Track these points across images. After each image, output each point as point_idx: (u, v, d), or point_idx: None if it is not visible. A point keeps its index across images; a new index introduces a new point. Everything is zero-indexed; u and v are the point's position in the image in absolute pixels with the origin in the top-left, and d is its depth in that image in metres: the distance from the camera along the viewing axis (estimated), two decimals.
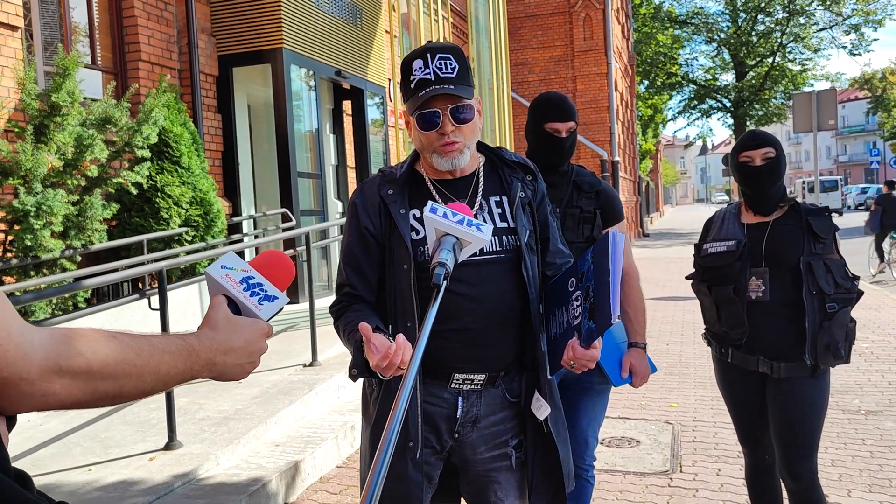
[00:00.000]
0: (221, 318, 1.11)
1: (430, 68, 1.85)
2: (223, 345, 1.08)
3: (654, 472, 4.13)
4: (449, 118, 1.87)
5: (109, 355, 0.91)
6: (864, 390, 5.51)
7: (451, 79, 1.85)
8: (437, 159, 1.91)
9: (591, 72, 20.42)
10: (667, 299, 10.63)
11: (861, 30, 33.12)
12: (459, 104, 1.87)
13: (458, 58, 1.88)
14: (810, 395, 2.65)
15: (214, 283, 1.16)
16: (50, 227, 5.21)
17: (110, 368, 0.91)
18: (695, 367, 6.46)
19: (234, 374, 1.11)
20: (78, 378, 0.87)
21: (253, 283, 1.17)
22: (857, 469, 4.02)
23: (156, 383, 0.98)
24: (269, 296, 1.17)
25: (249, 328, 1.12)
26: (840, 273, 2.63)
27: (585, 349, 1.75)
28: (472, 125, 1.92)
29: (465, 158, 1.92)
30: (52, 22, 6.67)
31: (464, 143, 1.90)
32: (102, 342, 0.91)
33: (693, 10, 35.39)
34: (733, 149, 2.83)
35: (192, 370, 1.03)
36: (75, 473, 3.71)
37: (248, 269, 1.19)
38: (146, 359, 0.96)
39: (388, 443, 1.23)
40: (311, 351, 5.64)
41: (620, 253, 1.75)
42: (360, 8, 10.19)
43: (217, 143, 8.18)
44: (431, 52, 1.87)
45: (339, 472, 4.28)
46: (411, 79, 1.88)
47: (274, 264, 1.22)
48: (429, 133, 1.89)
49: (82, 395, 0.89)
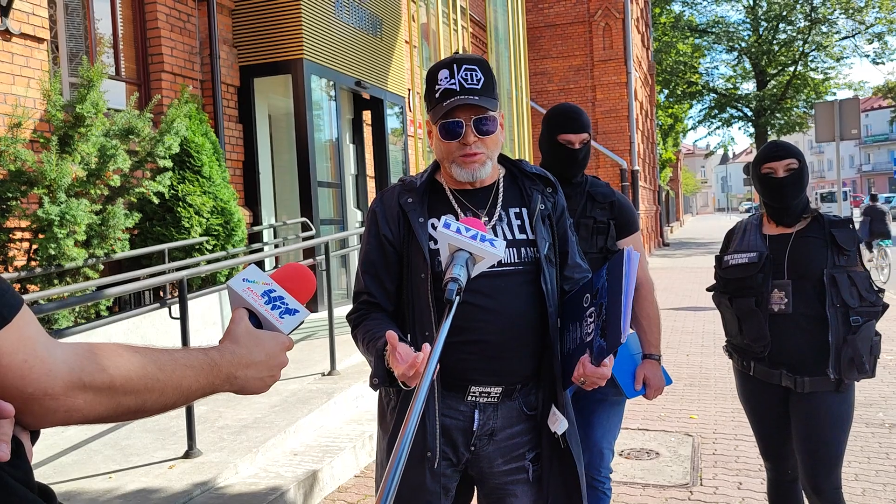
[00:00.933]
0: (243, 332, 1.11)
1: (456, 79, 1.86)
2: (245, 358, 1.08)
3: (674, 484, 4.09)
4: (472, 129, 1.87)
5: (132, 370, 0.91)
6: (889, 403, 5.42)
7: (476, 90, 1.86)
8: (458, 170, 1.92)
9: (610, 81, 20.37)
10: (687, 309, 10.55)
11: (884, 38, 32.78)
12: (483, 115, 1.87)
13: (484, 70, 1.89)
14: (835, 410, 2.61)
15: (236, 296, 1.17)
16: (73, 236, 5.28)
17: (133, 383, 0.91)
18: (715, 379, 6.39)
19: (255, 387, 1.11)
20: (101, 393, 0.88)
21: (274, 296, 1.18)
22: (881, 484, 3.96)
23: (178, 398, 0.98)
24: (291, 309, 1.17)
25: (270, 342, 1.13)
26: (864, 286, 2.59)
27: (596, 367, 1.75)
28: (495, 137, 1.92)
29: (486, 170, 1.92)
30: (78, 34, 6.78)
31: (486, 154, 1.90)
32: (125, 357, 0.92)
33: (714, 19, 35.24)
34: (755, 160, 2.81)
35: (213, 384, 1.04)
36: (96, 481, 3.74)
37: (270, 283, 1.19)
38: (169, 373, 0.96)
39: (401, 449, 1.23)
40: (330, 360, 5.66)
41: (634, 271, 1.76)
42: (380, 18, 10.25)
43: (238, 153, 8.26)
44: (458, 62, 1.88)
45: (356, 482, 4.28)
46: (436, 88, 1.89)
47: (295, 278, 1.22)
48: (450, 143, 1.89)
49: (105, 411, 0.89)
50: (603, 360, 1.74)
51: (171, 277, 4.48)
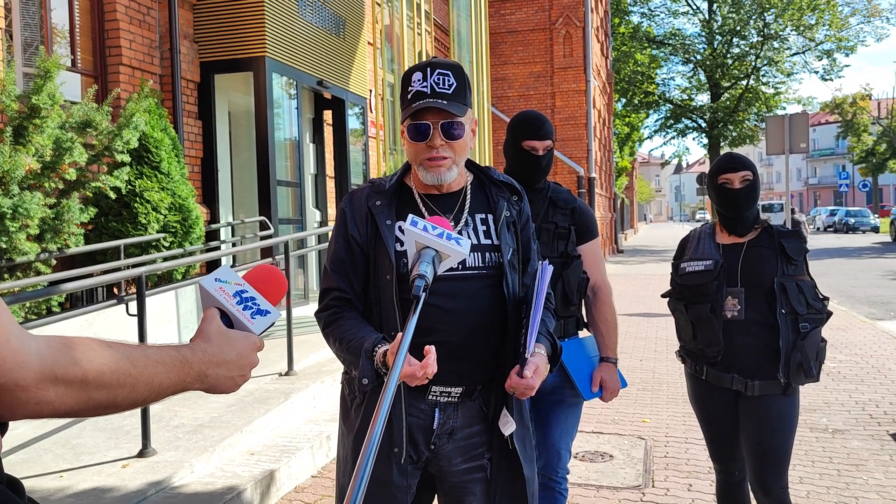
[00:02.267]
0: (214, 331, 1.13)
1: (429, 82, 1.89)
2: (216, 357, 1.10)
3: (627, 486, 4.18)
4: (439, 132, 1.90)
5: (105, 364, 0.91)
6: (832, 409, 5.62)
7: (447, 94, 1.89)
8: (424, 173, 1.95)
9: (570, 88, 20.62)
10: (640, 315, 10.74)
11: (833, 55, 33.88)
12: (451, 120, 1.90)
13: (457, 76, 1.92)
14: (783, 412, 2.72)
15: (208, 296, 1.18)
16: (26, 229, 5.16)
17: (105, 378, 0.91)
18: (667, 384, 6.54)
19: (226, 386, 1.13)
20: (73, 387, 0.88)
21: (246, 296, 1.19)
22: (824, 487, 4.10)
23: (149, 394, 0.99)
24: (262, 310, 1.19)
25: (242, 341, 1.14)
26: (811, 294, 2.71)
27: (519, 378, 1.83)
28: (463, 143, 1.95)
29: (451, 175, 1.95)
30: (33, 23, 6.62)
31: (452, 159, 1.94)
32: (99, 351, 0.92)
33: (671, 31, 35.95)
34: (711, 171, 2.90)
35: (184, 382, 1.05)
36: (47, 480, 3.67)
37: (242, 283, 1.21)
38: (141, 369, 0.97)
39: (371, 446, 1.26)
40: (288, 360, 5.63)
41: (544, 286, 1.84)
42: (344, 19, 10.23)
43: (197, 150, 8.15)
44: (432, 66, 1.92)
45: (314, 482, 4.27)
46: (409, 89, 1.92)
47: (267, 279, 1.24)
48: (418, 144, 1.93)
49: (76, 404, 0.90)
50: (524, 372, 1.83)
51: (128, 274, 4.41)
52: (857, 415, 5.46)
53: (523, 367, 1.83)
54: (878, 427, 5.15)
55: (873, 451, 4.65)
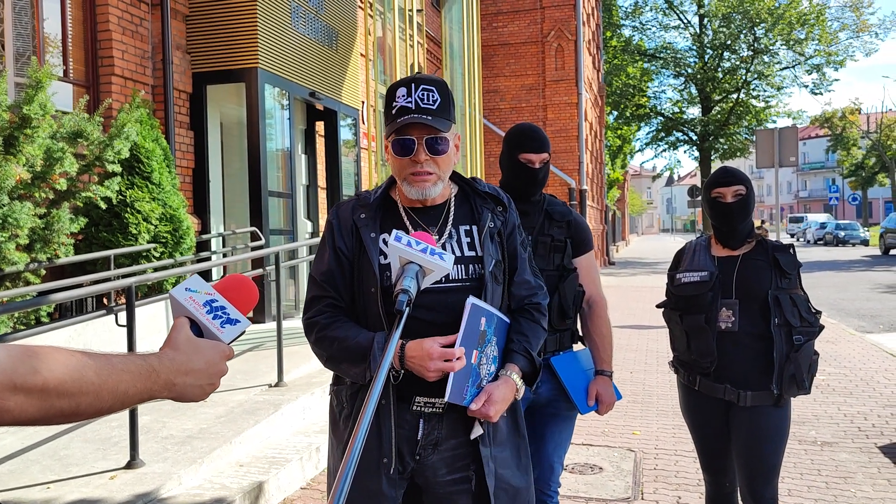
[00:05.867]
0: (183, 340, 1.14)
1: (413, 97, 1.91)
2: (184, 366, 1.10)
3: (616, 498, 4.18)
4: (423, 148, 1.92)
5: (67, 374, 0.92)
6: (821, 422, 5.64)
7: (431, 110, 1.91)
8: (408, 188, 1.97)
9: (561, 101, 20.71)
10: (632, 327, 10.76)
11: (822, 70, 34.22)
12: (436, 136, 1.92)
13: (441, 91, 1.94)
14: (774, 423, 2.75)
15: (178, 305, 1.19)
16: (15, 239, 5.14)
17: (67, 386, 0.92)
18: (658, 396, 6.55)
19: (194, 394, 1.13)
20: (33, 395, 0.89)
21: (216, 305, 1.20)
22: (812, 499, 4.11)
23: (114, 402, 0.99)
24: (232, 319, 1.20)
25: (210, 350, 1.15)
26: (804, 307, 2.74)
27: (474, 409, 1.91)
28: (447, 157, 1.97)
29: (436, 190, 1.97)
30: (25, 33, 6.63)
31: (437, 174, 1.95)
32: (61, 361, 0.92)
33: (662, 44, 36.25)
34: (705, 184, 2.93)
35: (151, 390, 1.05)
36: (34, 491, 3.64)
37: (212, 293, 1.22)
38: (105, 378, 0.97)
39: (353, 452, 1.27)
40: (277, 371, 5.62)
41: (466, 322, 1.88)
42: (336, 31, 10.27)
43: (188, 160, 8.15)
44: (416, 82, 1.93)
45: (303, 494, 4.26)
46: (393, 105, 1.94)
47: (238, 288, 1.25)
48: (402, 159, 1.94)
49: (37, 412, 0.90)
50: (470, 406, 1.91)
51: (118, 284, 4.40)
52: (845, 427, 5.48)
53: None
54: (866, 440, 5.17)
55: (861, 464, 4.66)
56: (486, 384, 1.94)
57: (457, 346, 1.84)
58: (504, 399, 1.93)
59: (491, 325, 1.95)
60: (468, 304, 1.88)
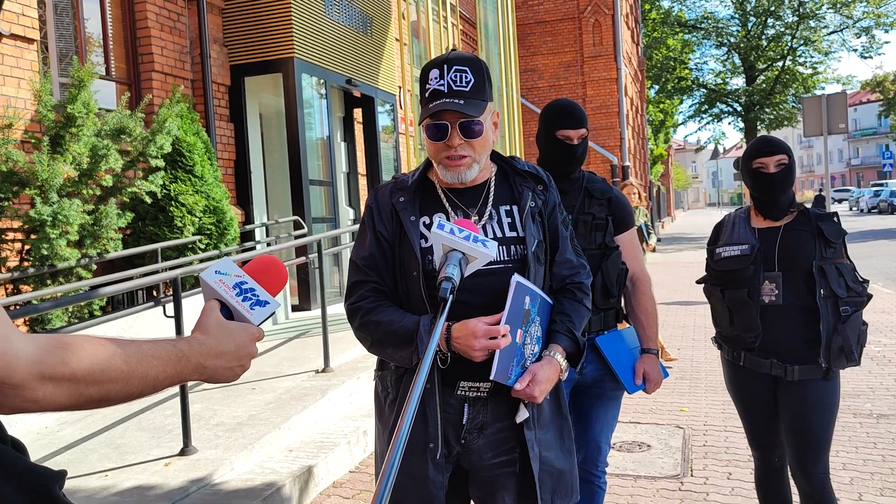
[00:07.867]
0: (213, 323, 1.15)
1: (445, 80, 1.86)
2: (214, 349, 1.12)
3: (665, 476, 4.14)
4: (457, 131, 1.87)
5: (96, 363, 0.95)
6: (876, 394, 5.49)
7: (464, 92, 1.86)
8: (443, 171, 1.94)
9: (600, 77, 20.44)
10: (678, 304, 10.62)
11: (872, 32, 33.00)
12: (470, 119, 1.87)
13: (475, 71, 1.88)
14: (823, 397, 2.68)
15: (208, 288, 1.20)
16: (66, 236, 5.29)
17: (96, 375, 0.95)
18: (706, 372, 6.46)
19: (224, 376, 1.15)
20: (62, 384, 0.92)
21: (246, 287, 1.21)
22: (868, 473, 4.02)
23: (144, 387, 1.02)
24: (261, 301, 1.21)
25: (240, 332, 1.16)
26: (850, 277, 2.66)
27: (518, 389, 1.89)
28: (483, 139, 1.92)
29: (472, 172, 1.93)
30: (67, 34, 6.77)
31: (472, 157, 1.91)
32: (90, 350, 0.95)
33: (703, 14, 35.38)
34: (746, 155, 2.85)
35: (181, 374, 1.08)
36: (92, 479, 3.76)
37: (242, 275, 1.22)
38: (134, 365, 1.00)
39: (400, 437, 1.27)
40: (324, 357, 5.69)
41: (511, 300, 1.84)
42: (370, 17, 10.26)
43: (229, 152, 8.27)
44: (449, 62, 1.88)
45: (351, 477, 4.31)
46: (427, 87, 1.90)
47: (267, 270, 1.25)
48: (437, 143, 1.91)
49: (67, 400, 0.93)
50: (515, 385, 1.88)
51: (164, 276, 4.49)
52: None
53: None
54: None
55: None
56: (530, 364, 1.92)
57: (502, 323, 1.81)
58: (548, 379, 1.91)
59: (535, 305, 1.93)
60: (513, 282, 1.85)
